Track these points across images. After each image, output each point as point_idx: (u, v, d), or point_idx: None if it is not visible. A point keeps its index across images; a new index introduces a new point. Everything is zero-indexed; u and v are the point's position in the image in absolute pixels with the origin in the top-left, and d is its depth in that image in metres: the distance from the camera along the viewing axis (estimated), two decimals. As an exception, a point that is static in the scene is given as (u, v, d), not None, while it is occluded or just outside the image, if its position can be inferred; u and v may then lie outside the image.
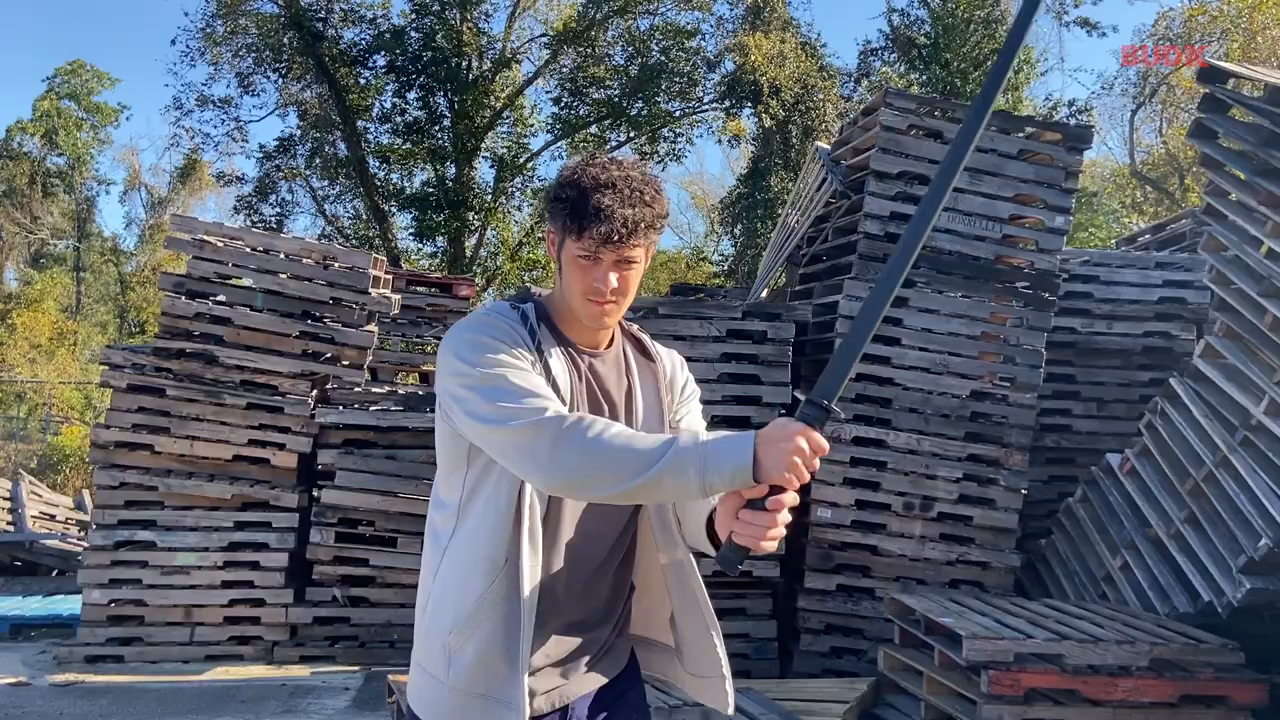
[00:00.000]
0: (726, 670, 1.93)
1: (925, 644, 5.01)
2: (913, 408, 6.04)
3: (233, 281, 6.62)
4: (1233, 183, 5.58)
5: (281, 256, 6.64)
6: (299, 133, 19.88)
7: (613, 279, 1.80)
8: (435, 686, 1.82)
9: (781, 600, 6.13)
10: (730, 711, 1.93)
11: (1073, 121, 17.93)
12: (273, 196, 20.14)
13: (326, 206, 20.84)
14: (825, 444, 1.62)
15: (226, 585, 6.36)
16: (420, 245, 20.10)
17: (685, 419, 2.01)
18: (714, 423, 5.85)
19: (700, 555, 1.92)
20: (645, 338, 2.03)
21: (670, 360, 2.03)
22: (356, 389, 6.67)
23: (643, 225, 1.78)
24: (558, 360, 1.83)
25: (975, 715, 4.50)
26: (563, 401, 1.77)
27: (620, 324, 1.95)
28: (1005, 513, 6.07)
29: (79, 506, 10.42)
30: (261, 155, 19.87)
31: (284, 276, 6.56)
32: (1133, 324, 6.97)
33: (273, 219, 19.96)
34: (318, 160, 20.05)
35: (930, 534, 6.02)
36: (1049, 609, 5.30)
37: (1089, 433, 6.89)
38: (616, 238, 1.76)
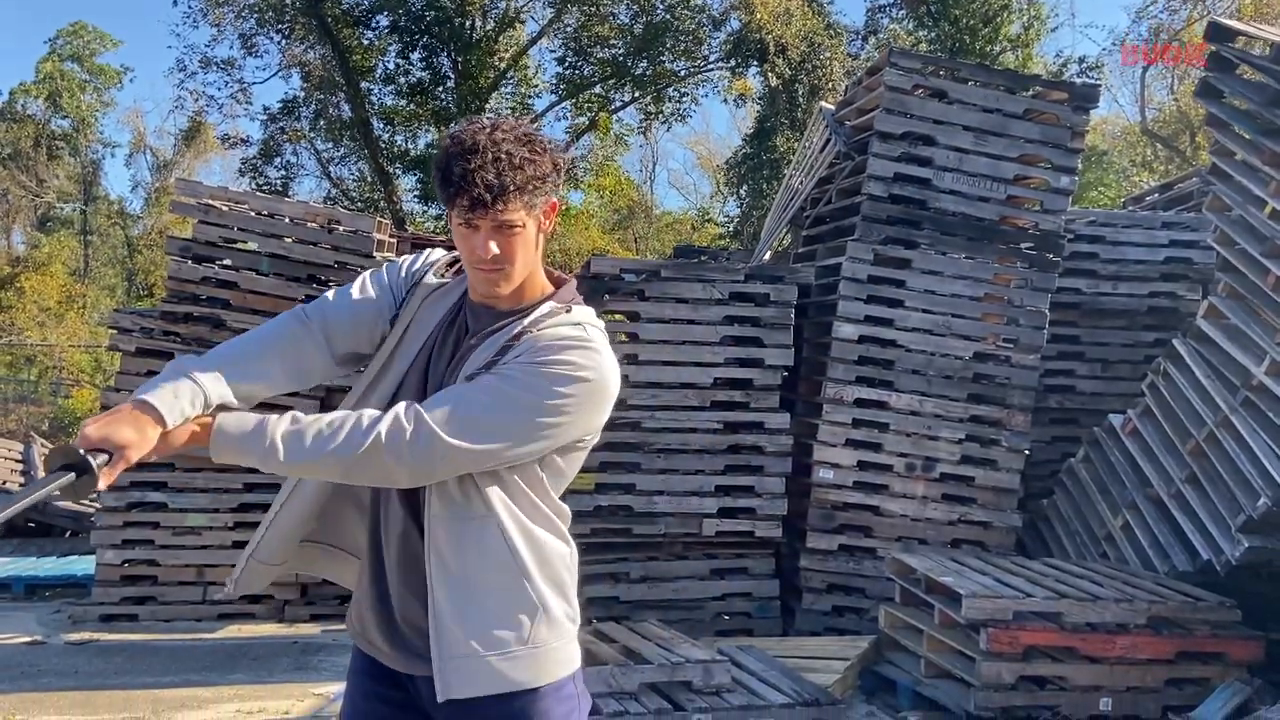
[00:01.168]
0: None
1: (926, 603, 5.07)
2: (915, 369, 6.06)
3: (238, 245, 6.64)
4: (1238, 142, 5.56)
5: (286, 220, 6.65)
6: (303, 95, 19.79)
7: (492, 246, 1.74)
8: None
9: (784, 560, 6.20)
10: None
11: (1082, 79, 17.74)
12: (277, 159, 20.09)
13: (331, 169, 20.79)
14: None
15: (238, 545, 6.44)
16: (425, 208, 20.07)
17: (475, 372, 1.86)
18: (716, 385, 5.89)
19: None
20: (558, 317, 1.80)
21: (549, 324, 1.79)
22: (362, 352, 6.70)
23: (511, 189, 1.70)
24: (419, 300, 1.89)
25: (974, 672, 4.57)
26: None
27: (559, 300, 1.83)
28: (1007, 473, 6.11)
29: (90, 469, 10.49)
30: (265, 117, 19.81)
31: (289, 240, 6.58)
32: (1138, 284, 6.96)
33: (278, 182, 19.92)
34: (322, 122, 19.96)
35: (932, 494, 6.07)
36: (1049, 568, 5.36)
37: (1093, 393, 6.92)
38: (480, 205, 1.70)
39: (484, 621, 1.74)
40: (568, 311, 1.82)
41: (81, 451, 1.57)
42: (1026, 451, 6.28)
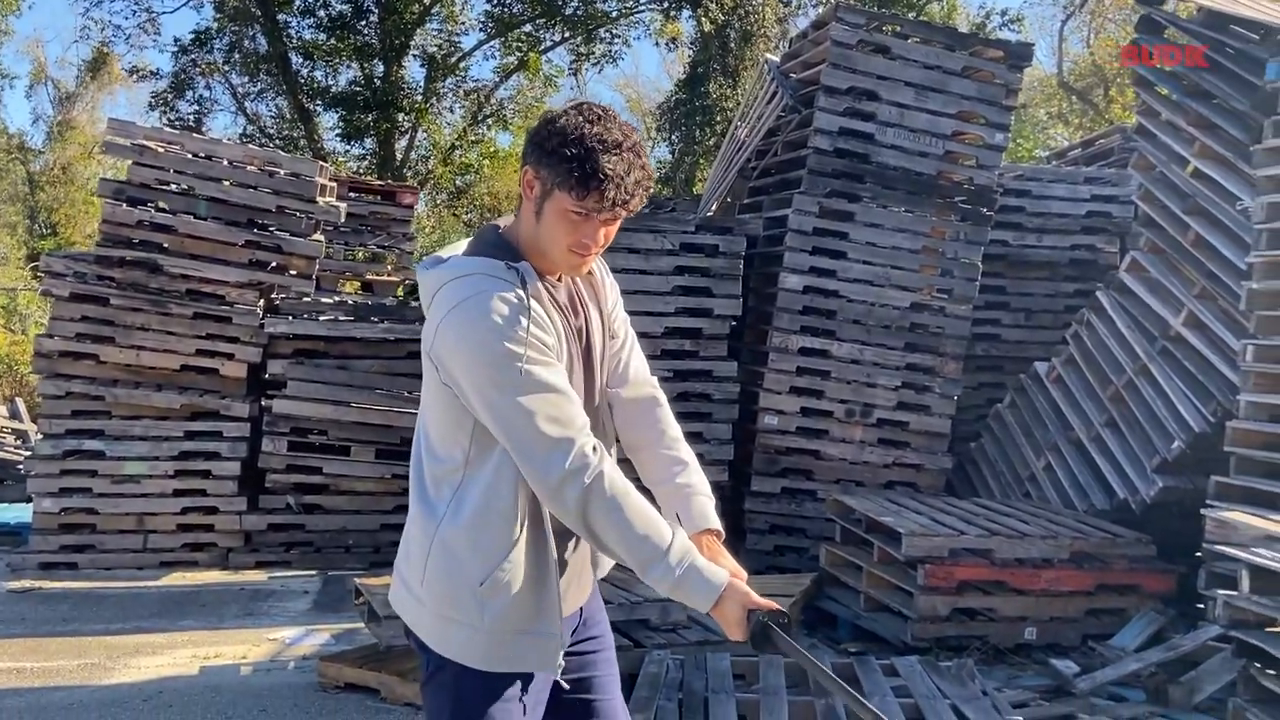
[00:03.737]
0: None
1: (865, 541, 5.33)
2: (856, 319, 6.27)
3: (174, 188, 6.49)
4: (1163, 103, 5.82)
5: (224, 163, 6.51)
6: (216, 26, 19.03)
7: (601, 235, 1.82)
8: (470, 632, 1.87)
9: (728, 502, 6.40)
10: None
11: (1005, 31, 18.10)
12: (189, 93, 19.32)
13: (247, 104, 20.08)
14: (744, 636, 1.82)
15: (178, 494, 6.40)
16: (348, 147, 19.56)
17: (617, 324, 2.05)
18: (666, 334, 6.02)
19: None
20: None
21: (599, 268, 2.02)
22: (305, 299, 6.65)
23: (641, 189, 1.80)
24: (555, 321, 1.85)
25: (911, 606, 4.85)
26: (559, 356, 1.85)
27: None
28: (939, 418, 6.39)
29: (13, 415, 10.24)
30: (176, 49, 19.01)
31: (227, 184, 6.45)
32: (1061, 237, 7.25)
33: (190, 117, 19.19)
34: (236, 55, 19.23)
35: (869, 439, 6.32)
36: (979, 508, 5.66)
37: (1017, 341, 7.22)
38: (621, 202, 1.77)
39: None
40: None
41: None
42: (956, 397, 6.57)
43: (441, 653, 1.89)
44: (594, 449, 1.78)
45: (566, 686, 1.97)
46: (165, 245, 6.39)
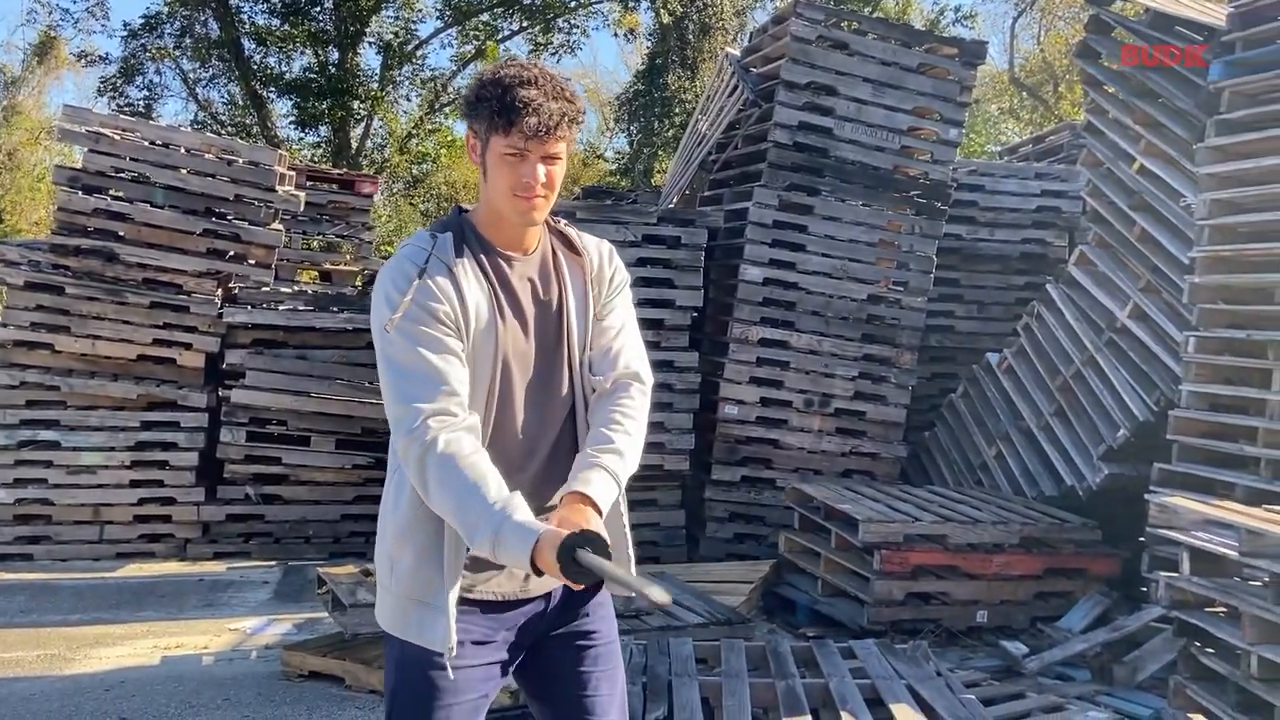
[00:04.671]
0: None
1: (823, 528, 5.44)
2: (815, 310, 6.38)
3: (130, 176, 6.41)
4: (1111, 101, 5.98)
5: (182, 151, 6.45)
6: (166, 10, 18.69)
7: (540, 172, 1.84)
8: (382, 593, 1.97)
9: (689, 491, 6.50)
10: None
11: (958, 28, 18.35)
12: (139, 78, 18.96)
13: (199, 90, 19.75)
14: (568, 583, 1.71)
15: (135, 485, 6.35)
16: (302, 134, 19.32)
17: (611, 315, 2.05)
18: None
19: None
20: (572, 232, 2.06)
21: (598, 252, 2.05)
22: (264, 288, 6.62)
23: (566, 118, 1.83)
24: (474, 289, 1.87)
25: (868, 590, 4.97)
26: (481, 321, 1.86)
27: (548, 221, 1.99)
28: (895, 408, 6.53)
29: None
30: (126, 34, 18.65)
31: (185, 172, 6.39)
32: (1012, 231, 7.42)
33: (140, 103, 18.83)
34: (188, 40, 18.89)
35: (827, 428, 6.44)
36: (933, 495, 5.80)
37: (969, 333, 7.38)
38: (544, 130, 1.80)
39: None
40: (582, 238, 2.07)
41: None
42: (911, 387, 6.71)
43: (378, 618, 1.99)
44: (439, 416, 1.79)
45: (500, 670, 1.96)
46: (121, 234, 6.32)
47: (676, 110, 15.75)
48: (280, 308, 6.51)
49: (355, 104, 18.40)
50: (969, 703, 3.69)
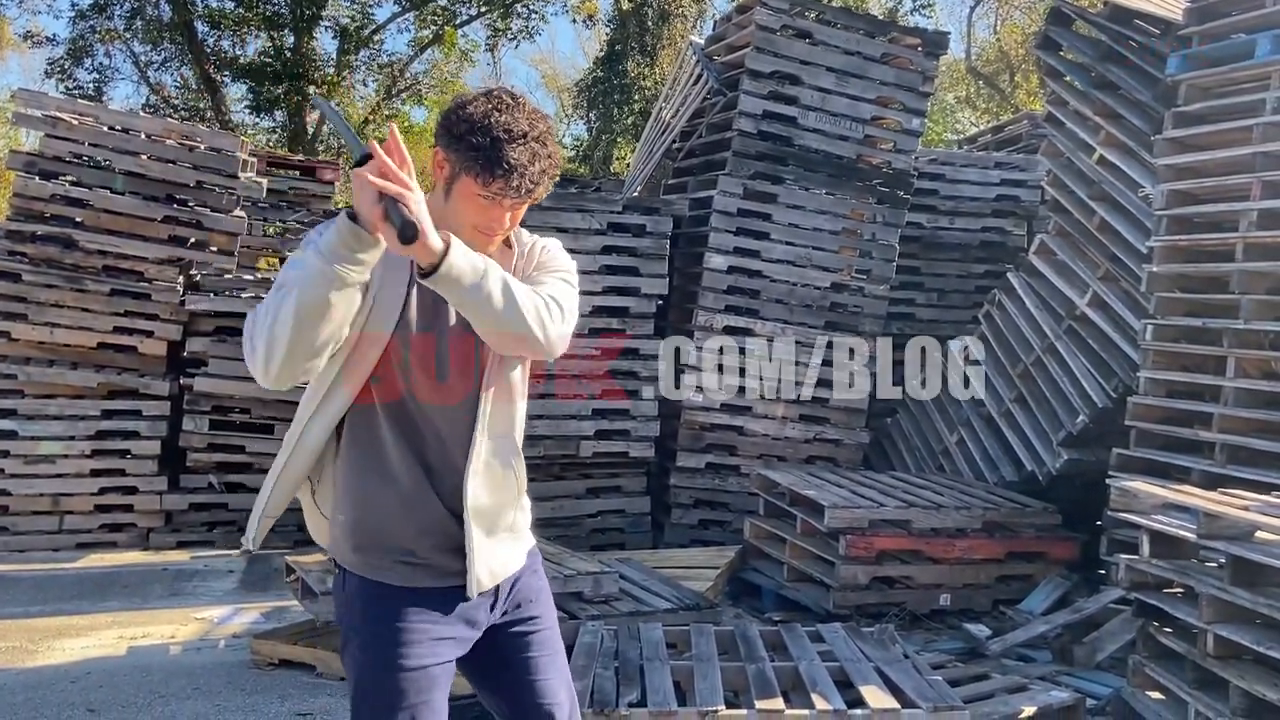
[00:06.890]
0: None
1: (788, 514, 5.50)
2: (779, 299, 6.44)
3: (89, 162, 6.30)
4: (1072, 93, 6.09)
5: (142, 137, 6.34)
6: (116, -10, 18.27)
7: (507, 219, 1.88)
8: (327, 525, 2.12)
9: (654, 478, 6.54)
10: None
11: (916, 17, 18.49)
12: (88, 61, 18.54)
13: (150, 74, 19.36)
14: (382, 158, 1.70)
15: (96, 474, 6.26)
16: (257, 119, 19.04)
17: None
18: (594, 313, 6.09)
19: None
20: (515, 233, 2.03)
21: (531, 242, 2.06)
22: (227, 276, 6.54)
23: (547, 177, 1.86)
24: (393, 279, 1.87)
25: (833, 575, 5.04)
26: (385, 313, 1.88)
27: None
28: (857, 395, 6.61)
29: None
30: (74, 14, 18.20)
31: (145, 158, 6.29)
32: (972, 220, 7.53)
33: (89, 85, 18.42)
34: (139, 22, 18.49)
35: (790, 415, 6.50)
36: (896, 480, 5.89)
37: (930, 321, 7.48)
38: (524, 192, 1.82)
39: None
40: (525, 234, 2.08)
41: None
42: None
43: (324, 547, 2.09)
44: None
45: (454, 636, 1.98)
46: (80, 220, 6.21)
47: (636, 97, 15.73)
48: (243, 295, 6.44)
49: (311, 89, 18.14)
50: (936, 683, 3.76)
